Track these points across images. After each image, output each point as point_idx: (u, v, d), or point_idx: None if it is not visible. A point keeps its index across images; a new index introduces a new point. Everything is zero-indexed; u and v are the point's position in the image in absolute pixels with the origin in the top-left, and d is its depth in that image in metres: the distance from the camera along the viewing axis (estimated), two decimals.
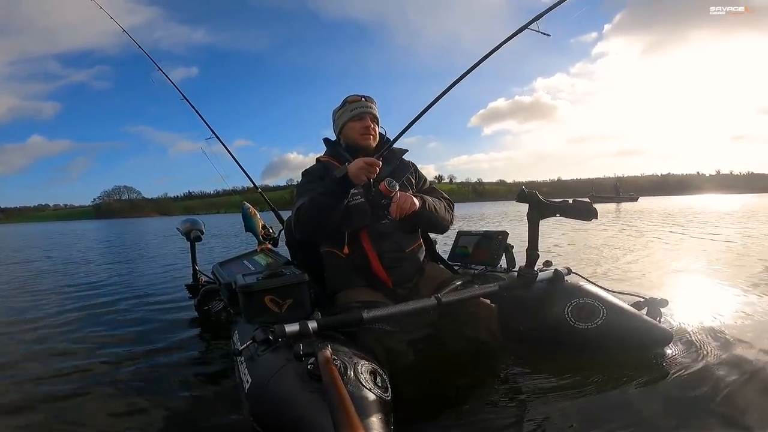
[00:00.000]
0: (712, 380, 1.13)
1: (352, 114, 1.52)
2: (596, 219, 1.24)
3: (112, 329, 2.02)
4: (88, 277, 3.93)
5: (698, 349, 1.35)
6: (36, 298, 2.91)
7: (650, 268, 3.01)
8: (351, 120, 1.52)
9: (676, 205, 16.13)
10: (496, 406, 1.07)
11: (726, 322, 1.62)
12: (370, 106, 1.54)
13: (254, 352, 1.01)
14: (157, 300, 2.70)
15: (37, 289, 3.35)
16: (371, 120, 1.52)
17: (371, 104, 1.55)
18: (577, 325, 1.27)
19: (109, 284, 3.44)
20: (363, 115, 1.51)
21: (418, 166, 1.65)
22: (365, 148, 1.51)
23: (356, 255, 1.41)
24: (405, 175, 1.56)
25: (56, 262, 5.50)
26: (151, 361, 1.54)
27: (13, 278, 4.05)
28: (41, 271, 4.65)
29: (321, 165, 1.56)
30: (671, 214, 10.02)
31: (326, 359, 0.82)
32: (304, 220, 1.39)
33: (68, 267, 4.93)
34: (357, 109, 1.52)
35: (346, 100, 1.56)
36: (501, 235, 1.74)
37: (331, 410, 0.69)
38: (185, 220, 2.40)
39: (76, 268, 4.69)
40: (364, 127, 1.50)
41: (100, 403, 1.21)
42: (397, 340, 1.19)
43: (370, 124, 1.51)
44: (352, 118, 1.52)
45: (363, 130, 1.50)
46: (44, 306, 2.63)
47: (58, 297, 2.95)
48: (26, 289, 3.37)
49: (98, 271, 4.39)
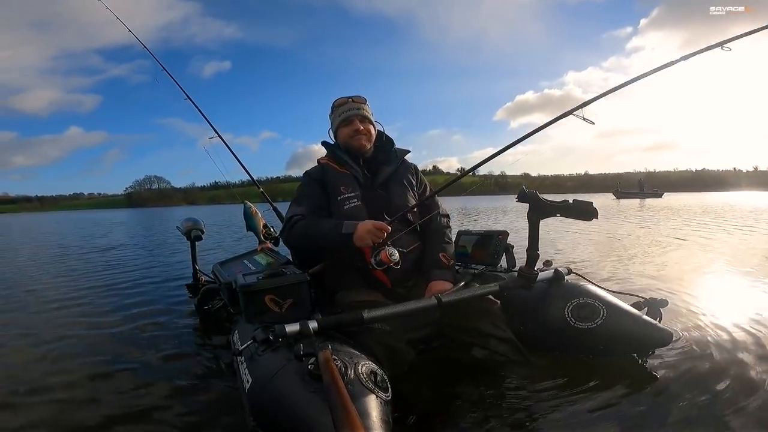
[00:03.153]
0: (712, 380, 1.13)
1: (341, 118, 1.53)
2: (596, 219, 1.24)
3: (113, 328, 2.02)
4: (96, 265, 3.93)
5: (699, 350, 1.35)
6: (38, 288, 2.91)
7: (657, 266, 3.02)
8: (341, 125, 1.53)
9: (707, 202, 15.76)
10: (496, 406, 1.08)
11: (728, 322, 1.63)
12: (358, 107, 1.53)
13: (254, 351, 1.01)
14: (158, 299, 2.70)
15: (41, 276, 3.34)
16: (360, 121, 1.52)
17: (360, 104, 1.54)
18: (577, 324, 1.27)
19: (113, 278, 3.44)
20: (351, 117, 1.51)
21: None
22: (359, 149, 1.51)
23: (354, 256, 1.40)
24: (405, 177, 1.56)
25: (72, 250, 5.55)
26: (151, 361, 1.54)
27: (15, 267, 4.05)
28: (51, 259, 4.67)
29: (320, 167, 1.57)
30: (707, 212, 9.77)
31: (326, 359, 0.82)
32: (295, 237, 1.44)
33: (83, 255, 4.97)
34: (344, 113, 1.52)
35: (333, 105, 1.57)
36: (501, 234, 1.74)
37: (331, 410, 0.69)
38: (186, 219, 2.41)
39: (92, 258, 4.69)
40: (353, 130, 1.51)
41: (98, 402, 1.21)
42: (398, 339, 1.19)
43: (359, 126, 1.51)
44: (341, 123, 1.53)
45: (352, 133, 1.51)
46: (46, 295, 2.64)
47: (57, 291, 2.95)
48: (30, 275, 3.38)
49: (114, 260, 4.38)
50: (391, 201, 1.48)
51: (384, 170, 1.54)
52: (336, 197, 1.46)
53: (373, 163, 1.55)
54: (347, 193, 1.46)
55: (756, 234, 5.08)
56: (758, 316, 1.70)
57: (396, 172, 1.56)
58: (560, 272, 1.43)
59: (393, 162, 1.57)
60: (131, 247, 6.20)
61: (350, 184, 1.48)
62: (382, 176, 1.53)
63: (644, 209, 11.78)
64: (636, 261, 3.35)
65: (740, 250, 3.76)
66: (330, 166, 1.54)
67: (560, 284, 1.40)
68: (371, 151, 1.56)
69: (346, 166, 1.51)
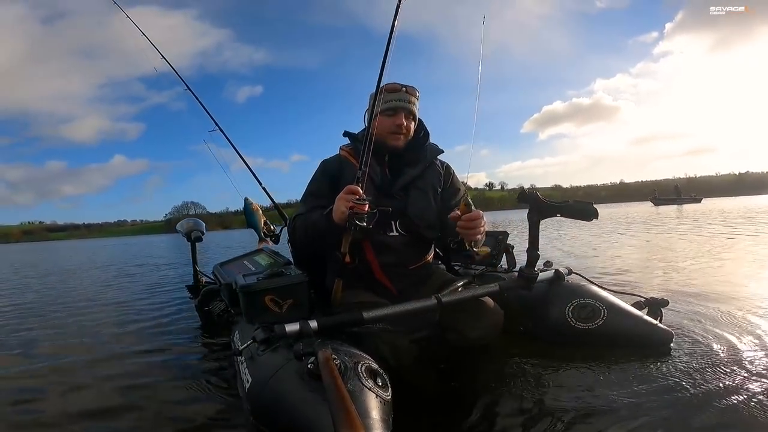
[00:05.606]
0: (713, 381, 1.13)
1: (387, 106, 1.30)
2: (597, 219, 1.24)
3: (113, 327, 2.03)
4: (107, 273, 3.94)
5: (700, 349, 1.35)
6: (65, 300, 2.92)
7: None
8: (384, 113, 1.30)
9: (747, 206, 15.29)
10: (496, 406, 1.07)
11: (731, 322, 1.62)
12: (409, 99, 1.32)
13: (254, 351, 1.01)
14: (159, 300, 2.70)
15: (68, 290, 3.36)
16: (406, 117, 1.32)
17: (412, 97, 1.33)
18: (578, 325, 1.27)
19: (122, 284, 3.45)
20: (398, 110, 1.30)
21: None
22: (393, 148, 1.34)
23: (359, 263, 1.34)
24: (432, 182, 1.36)
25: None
26: (151, 361, 1.55)
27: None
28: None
29: (337, 159, 1.40)
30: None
31: (326, 359, 0.82)
32: (296, 237, 1.33)
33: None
34: (392, 102, 1.30)
35: (383, 88, 1.30)
36: (501, 235, 1.74)
37: (331, 410, 0.69)
38: (186, 220, 2.41)
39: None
40: (396, 125, 1.30)
41: (98, 402, 1.21)
42: (400, 337, 1.18)
43: (404, 122, 1.31)
44: (385, 111, 1.31)
45: (394, 128, 1.30)
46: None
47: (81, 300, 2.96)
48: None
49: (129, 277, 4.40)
50: (407, 211, 1.33)
51: (408, 173, 1.34)
52: None
53: (399, 162, 1.36)
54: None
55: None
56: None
57: (422, 177, 1.36)
58: (561, 272, 1.43)
59: (421, 162, 1.36)
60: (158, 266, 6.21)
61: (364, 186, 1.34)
62: (404, 180, 1.34)
63: (683, 214, 11.59)
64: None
65: None
66: (348, 161, 1.37)
67: (561, 285, 1.40)
68: (401, 152, 1.36)
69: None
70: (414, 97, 1.34)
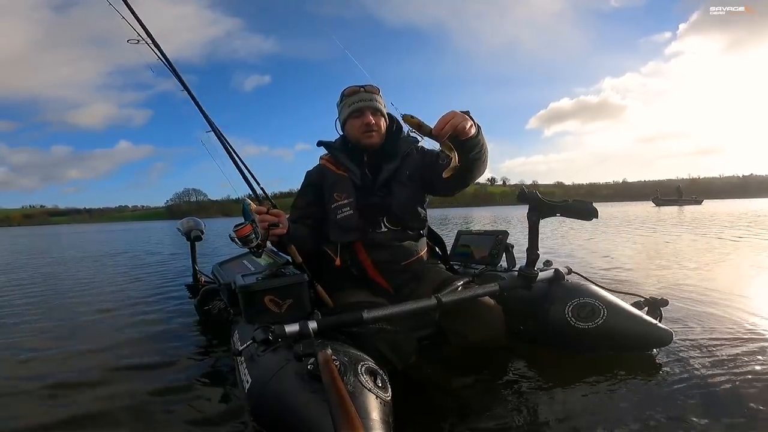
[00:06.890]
0: (712, 380, 1.13)
1: (350, 109, 1.36)
2: (596, 218, 1.24)
3: (112, 328, 2.02)
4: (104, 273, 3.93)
5: (699, 350, 1.35)
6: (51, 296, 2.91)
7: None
8: (350, 116, 1.37)
9: (747, 208, 15.18)
10: (496, 406, 1.07)
11: (731, 322, 1.62)
12: (370, 97, 1.36)
13: (254, 352, 1.01)
14: (159, 300, 2.70)
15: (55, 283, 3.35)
16: (372, 114, 1.35)
17: (372, 95, 1.37)
18: (578, 324, 1.27)
19: (122, 283, 3.44)
20: (362, 109, 1.35)
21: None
22: (369, 147, 1.37)
23: (352, 265, 1.35)
24: (409, 171, 1.38)
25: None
26: (150, 361, 1.54)
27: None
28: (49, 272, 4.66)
29: (319, 168, 1.46)
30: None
31: (326, 359, 0.82)
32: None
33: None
34: (355, 104, 1.35)
35: (343, 93, 1.38)
36: (501, 234, 1.74)
37: (331, 410, 0.69)
38: (186, 219, 2.40)
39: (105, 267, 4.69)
40: (364, 124, 1.34)
41: (97, 402, 1.21)
42: (401, 336, 1.18)
43: (371, 119, 1.34)
44: (351, 115, 1.36)
45: (363, 128, 1.34)
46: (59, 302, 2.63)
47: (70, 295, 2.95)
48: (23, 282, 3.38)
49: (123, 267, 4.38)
50: (391, 206, 1.36)
51: (386, 168, 1.37)
52: (330, 205, 1.37)
53: (379, 160, 1.38)
54: (341, 200, 1.35)
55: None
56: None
57: (399, 169, 1.38)
58: (560, 272, 1.43)
59: (399, 155, 1.39)
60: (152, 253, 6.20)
61: (345, 190, 1.36)
62: (384, 176, 1.37)
63: (684, 215, 11.56)
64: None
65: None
66: (327, 167, 1.42)
67: (560, 284, 1.40)
68: (378, 149, 1.39)
69: (344, 167, 1.39)
70: (374, 94, 1.37)
